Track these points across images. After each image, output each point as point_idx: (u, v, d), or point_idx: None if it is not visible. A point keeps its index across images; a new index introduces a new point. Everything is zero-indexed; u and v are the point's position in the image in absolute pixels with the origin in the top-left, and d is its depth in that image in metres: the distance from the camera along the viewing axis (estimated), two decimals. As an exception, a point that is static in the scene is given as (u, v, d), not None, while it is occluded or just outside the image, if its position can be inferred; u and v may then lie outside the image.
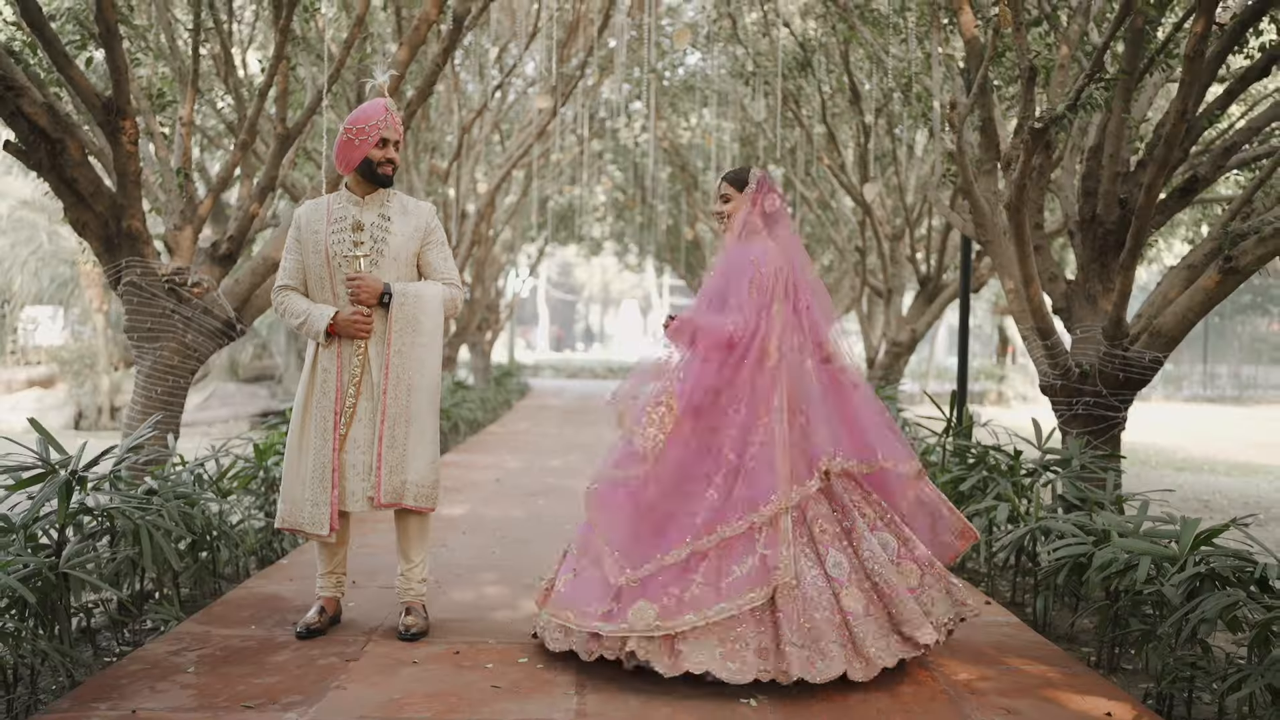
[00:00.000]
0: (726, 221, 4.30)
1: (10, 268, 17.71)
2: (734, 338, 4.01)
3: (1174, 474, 12.38)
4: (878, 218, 12.78)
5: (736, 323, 4.01)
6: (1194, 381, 32.29)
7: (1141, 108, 6.66)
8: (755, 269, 4.09)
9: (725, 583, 3.75)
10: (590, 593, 3.91)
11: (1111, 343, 5.95)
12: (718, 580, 3.76)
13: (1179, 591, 3.75)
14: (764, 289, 4.08)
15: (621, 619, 3.76)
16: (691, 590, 3.74)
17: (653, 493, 3.96)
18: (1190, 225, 12.07)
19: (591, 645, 3.85)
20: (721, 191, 4.33)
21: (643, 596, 3.77)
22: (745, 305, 4.05)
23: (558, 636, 4.00)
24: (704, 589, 3.74)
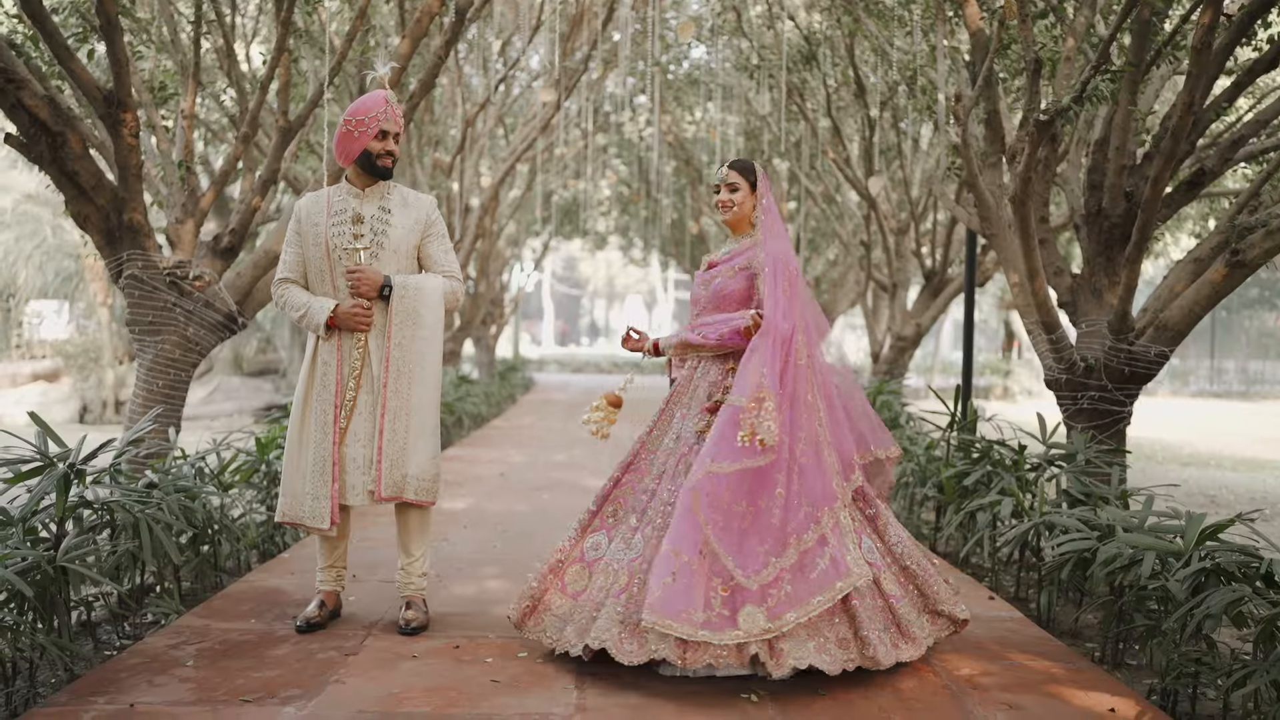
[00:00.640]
0: (732, 211, 4.25)
1: (15, 262, 17.73)
2: (790, 336, 3.98)
3: (1180, 469, 12.34)
4: (883, 212, 12.74)
5: (790, 321, 4.00)
6: (1201, 377, 32.21)
7: (1148, 100, 6.62)
8: (786, 267, 4.08)
9: (811, 578, 3.75)
10: (693, 599, 3.67)
11: (1117, 337, 5.91)
12: (805, 576, 3.75)
13: (1184, 587, 3.72)
14: (796, 287, 4.09)
15: (731, 626, 3.63)
16: (784, 589, 3.72)
17: (740, 491, 3.83)
18: (1197, 219, 12.02)
19: (691, 655, 3.62)
20: (729, 180, 4.24)
21: (749, 601, 3.69)
22: (782, 303, 4.02)
23: (631, 648, 3.67)
24: (795, 586, 3.73)
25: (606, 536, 4.08)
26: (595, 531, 4.13)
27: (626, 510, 4.12)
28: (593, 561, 4.04)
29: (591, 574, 4.02)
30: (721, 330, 4.11)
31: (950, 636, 4.14)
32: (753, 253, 4.22)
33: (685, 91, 16.38)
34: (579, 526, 4.18)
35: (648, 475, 4.13)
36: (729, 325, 4.10)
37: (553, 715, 3.41)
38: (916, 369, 30.02)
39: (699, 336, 4.17)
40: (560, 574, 4.10)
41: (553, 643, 3.94)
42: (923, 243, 13.20)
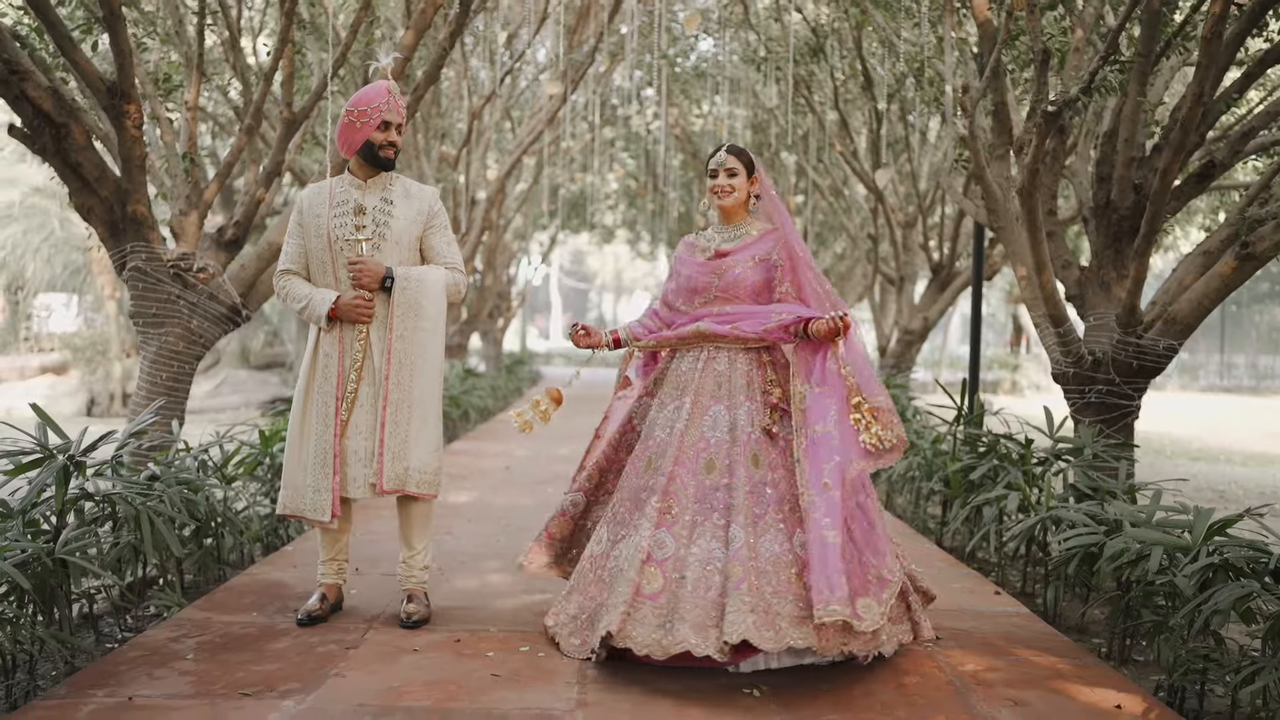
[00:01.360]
0: (731, 197, 4.24)
1: (23, 255, 17.75)
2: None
3: (1188, 464, 12.28)
4: (890, 205, 12.68)
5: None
6: (1210, 371, 32.10)
7: (1158, 92, 6.56)
8: (808, 254, 4.20)
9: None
10: (851, 589, 3.69)
11: (1125, 330, 5.87)
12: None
13: (1192, 582, 3.68)
14: (821, 276, 4.24)
15: (858, 617, 3.65)
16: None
17: (860, 487, 3.97)
18: (1207, 212, 11.94)
19: (827, 641, 3.63)
20: (729, 165, 4.22)
21: (863, 594, 3.73)
22: (832, 296, 4.21)
23: (769, 635, 3.57)
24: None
25: (670, 534, 3.88)
26: (657, 529, 3.93)
27: (694, 507, 3.91)
28: (662, 560, 3.85)
29: (664, 573, 3.82)
30: (766, 324, 4.10)
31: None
32: (767, 244, 4.23)
33: (692, 84, 16.33)
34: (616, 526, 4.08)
35: (709, 472, 3.96)
36: (775, 319, 4.09)
37: (553, 710, 3.39)
38: (924, 363, 29.96)
39: (730, 328, 4.12)
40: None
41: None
42: (930, 236, 13.14)
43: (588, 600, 4.00)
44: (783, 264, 4.20)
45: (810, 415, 3.96)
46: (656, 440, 4.13)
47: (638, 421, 4.36)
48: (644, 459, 4.13)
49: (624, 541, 3.99)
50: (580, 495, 4.43)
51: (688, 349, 4.23)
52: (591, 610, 3.96)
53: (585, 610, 3.99)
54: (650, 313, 4.53)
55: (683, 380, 4.18)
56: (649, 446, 4.14)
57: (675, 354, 4.29)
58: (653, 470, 4.06)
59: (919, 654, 4.03)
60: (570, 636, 3.97)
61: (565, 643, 3.97)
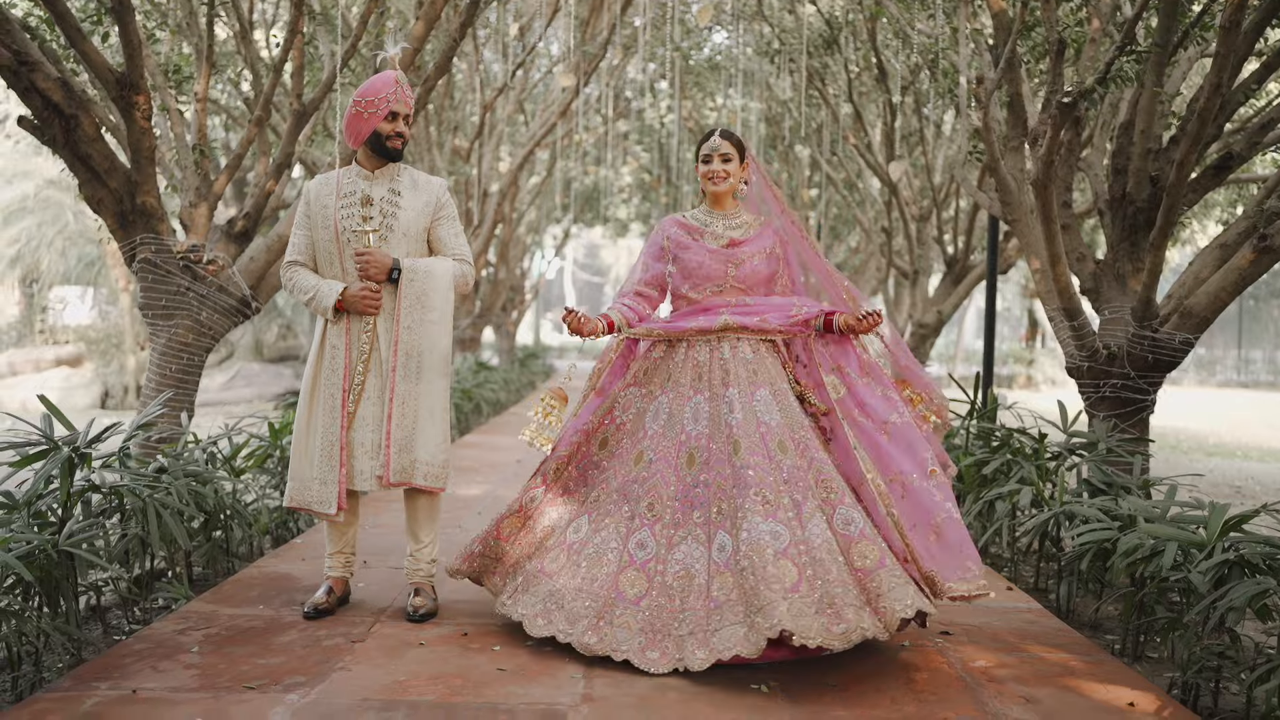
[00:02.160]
0: (726, 182, 4.25)
1: (38, 247, 17.81)
2: None
3: (1204, 459, 12.19)
4: (904, 198, 12.61)
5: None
6: (1227, 366, 31.88)
7: (1175, 83, 6.49)
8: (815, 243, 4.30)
9: None
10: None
11: (1140, 324, 5.81)
12: None
13: (1206, 579, 3.63)
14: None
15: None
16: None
17: None
18: (1225, 206, 11.84)
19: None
20: (723, 150, 4.22)
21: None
22: (844, 284, 4.31)
23: (839, 629, 3.54)
24: None
25: (727, 534, 3.78)
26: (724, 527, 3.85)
27: (734, 491, 3.81)
28: (723, 561, 3.75)
29: (727, 567, 3.74)
30: (790, 316, 4.17)
31: None
32: (770, 238, 4.30)
33: (706, 77, 16.27)
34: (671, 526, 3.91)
35: (736, 453, 3.86)
36: (798, 312, 4.17)
37: (559, 704, 3.36)
38: (939, 357, 29.88)
39: (758, 320, 4.13)
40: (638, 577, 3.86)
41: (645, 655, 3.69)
42: (945, 229, 13.07)
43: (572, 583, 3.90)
44: (782, 258, 4.31)
45: (871, 409, 4.06)
46: (650, 433, 4.06)
47: (620, 413, 4.20)
48: (634, 452, 4.06)
49: (668, 541, 3.86)
50: (540, 490, 4.21)
51: (703, 339, 4.16)
52: (598, 609, 3.80)
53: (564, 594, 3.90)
54: (632, 295, 4.30)
55: (699, 370, 4.11)
56: (639, 439, 4.08)
57: (673, 344, 4.19)
58: (646, 464, 4.00)
59: (929, 649, 3.99)
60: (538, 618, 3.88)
61: (531, 624, 3.86)
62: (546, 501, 4.19)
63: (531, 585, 3.99)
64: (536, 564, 4.05)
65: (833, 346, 4.17)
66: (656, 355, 4.23)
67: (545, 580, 3.96)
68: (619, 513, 3.98)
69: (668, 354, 4.21)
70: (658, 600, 3.74)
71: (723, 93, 17.06)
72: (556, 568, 3.98)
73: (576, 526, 4.06)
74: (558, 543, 4.07)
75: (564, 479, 4.22)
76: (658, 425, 4.08)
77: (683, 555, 3.79)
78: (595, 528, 3.99)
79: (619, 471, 4.09)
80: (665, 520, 3.88)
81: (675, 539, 3.84)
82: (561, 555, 4.01)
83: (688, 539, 3.82)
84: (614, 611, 3.76)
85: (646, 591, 3.77)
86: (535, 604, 3.91)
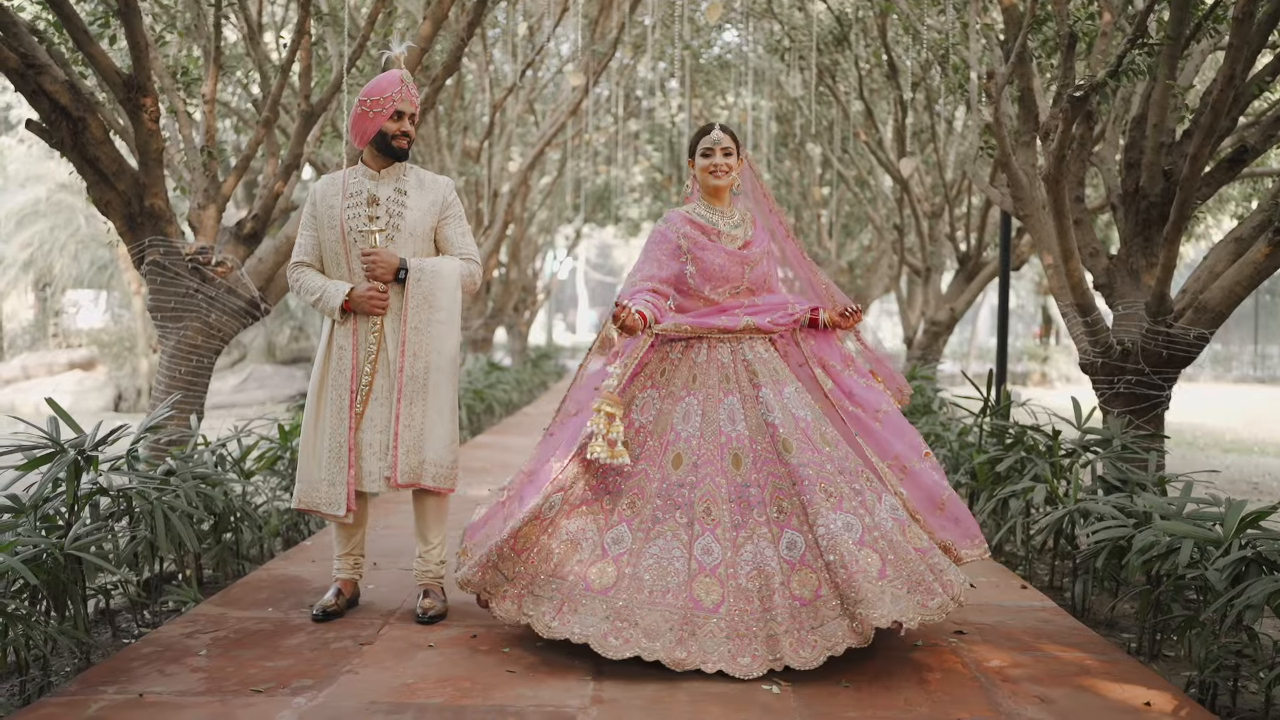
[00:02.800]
0: (728, 177, 4.23)
1: (50, 251, 17.87)
2: None
3: (1221, 455, 12.11)
4: (916, 195, 12.55)
5: None
6: (1244, 362, 31.64)
7: (1188, 76, 6.42)
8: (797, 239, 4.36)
9: None
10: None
11: (1155, 319, 5.75)
12: None
13: (1224, 576, 3.58)
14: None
15: None
16: None
17: None
18: (1240, 201, 11.76)
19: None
20: (724, 144, 4.21)
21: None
22: (822, 281, 4.39)
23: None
24: None
25: (800, 532, 3.79)
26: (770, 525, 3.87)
27: (794, 489, 3.82)
28: (795, 560, 3.78)
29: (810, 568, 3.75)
30: (790, 314, 4.24)
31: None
32: (764, 233, 4.36)
33: (716, 76, 16.23)
34: (733, 525, 3.86)
35: (787, 452, 3.87)
36: (793, 310, 4.24)
37: (568, 707, 3.33)
38: (954, 355, 29.77)
39: (769, 321, 4.16)
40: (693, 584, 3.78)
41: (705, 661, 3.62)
42: (957, 226, 13.00)
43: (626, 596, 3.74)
44: (775, 257, 4.40)
45: (861, 399, 4.20)
46: (684, 435, 3.98)
47: (637, 415, 4.06)
48: (669, 455, 3.96)
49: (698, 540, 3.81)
50: (559, 495, 3.90)
51: (723, 340, 4.13)
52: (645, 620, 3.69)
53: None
54: (649, 292, 4.10)
55: (724, 371, 4.08)
56: (670, 441, 3.98)
57: (690, 344, 4.13)
58: (689, 467, 3.92)
59: (943, 649, 3.95)
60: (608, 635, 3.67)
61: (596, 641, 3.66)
62: (569, 509, 3.90)
63: (580, 604, 3.72)
64: (574, 579, 3.77)
65: (816, 341, 4.27)
66: (675, 355, 4.13)
67: (596, 597, 3.72)
68: (671, 519, 3.84)
69: (685, 354, 4.12)
70: (736, 604, 3.68)
71: (733, 91, 17.02)
72: (607, 582, 3.75)
73: (616, 537, 3.85)
74: (595, 555, 3.82)
75: (582, 485, 3.93)
76: (691, 427, 3.98)
77: (751, 556, 3.76)
78: (645, 536, 3.83)
79: (653, 475, 3.93)
80: (725, 523, 3.82)
81: (739, 540, 3.79)
82: (609, 568, 3.78)
83: (753, 539, 3.79)
84: (695, 622, 3.65)
85: (723, 597, 3.69)
86: (598, 623, 3.66)
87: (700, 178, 4.25)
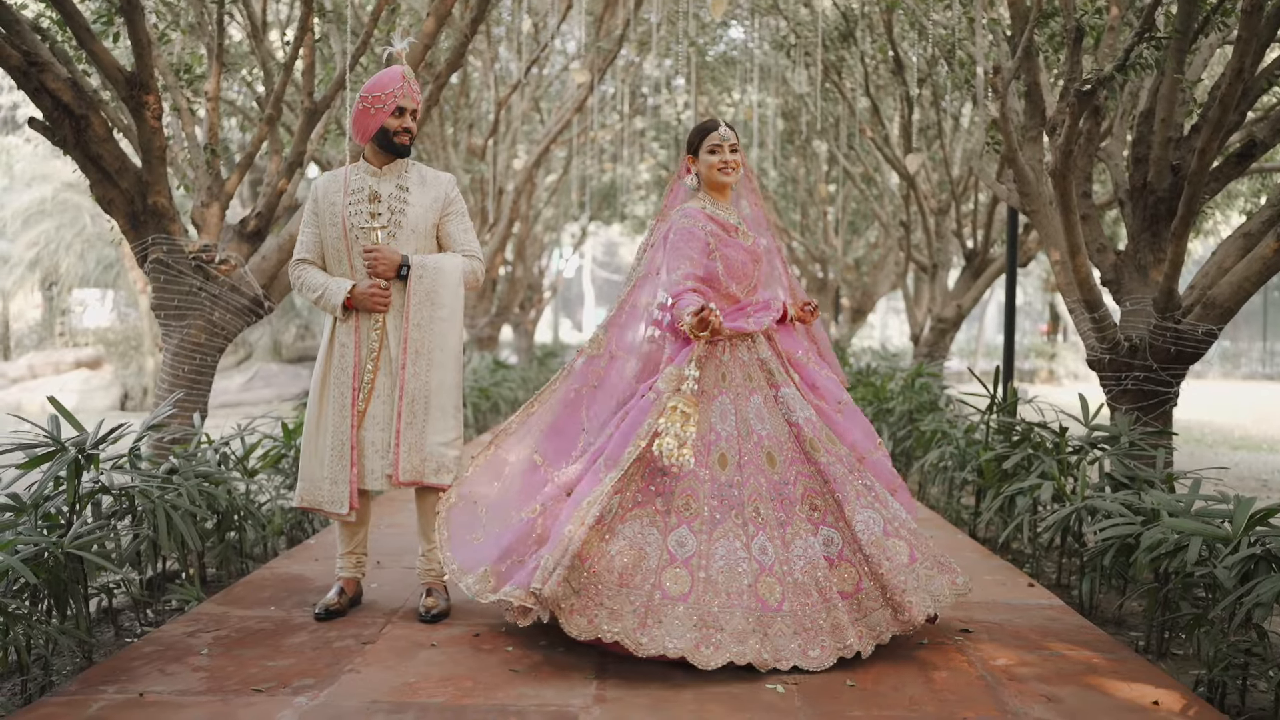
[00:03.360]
0: (737, 173, 4.25)
1: (56, 251, 17.88)
2: None
3: (1230, 452, 12.05)
4: (923, 192, 12.50)
5: None
6: (1252, 359, 31.52)
7: (1196, 70, 6.38)
8: None
9: None
10: None
11: (1163, 315, 5.71)
12: None
13: (1232, 574, 3.54)
14: None
15: None
16: None
17: None
18: (1249, 196, 11.69)
19: None
20: (732, 141, 4.23)
21: None
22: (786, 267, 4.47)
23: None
24: None
25: (863, 516, 3.89)
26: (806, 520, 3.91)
27: (839, 485, 3.91)
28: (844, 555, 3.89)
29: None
30: (776, 312, 4.25)
31: None
32: (762, 228, 4.42)
33: (722, 72, 16.19)
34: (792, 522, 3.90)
35: (815, 452, 3.96)
36: (779, 308, 4.27)
37: (570, 707, 3.31)
38: (961, 352, 29.72)
39: (771, 318, 4.20)
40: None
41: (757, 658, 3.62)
42: (964, 223, 12.95)
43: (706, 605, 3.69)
44: (775, 252, 4.48)
45: (824, 391, 4.23)
46: (724, 435, 3.96)
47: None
48: (714, 455, 3.92)
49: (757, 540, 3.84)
50: (617, 499, 3.79)
51: (741, 339, 4.12)
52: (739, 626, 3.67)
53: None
54: (696, 292, 4.04)
55: (745, 370, 4.09)
56: (712, 442, 3.93)
57: (712, 343, 4.06)
58: (735, 467, 3.91)
59: (949, 647, 3.92)
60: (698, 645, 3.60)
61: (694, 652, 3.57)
62: (623, 513, 3.79)
63: (662, 613, 3.62)
64: (649, 587, 3.66)
65: (782, 335, 4.27)
66: (701, 354, 4.04)
67: (676, 604, 3.64)
68: (729, 520, 3.82)
69: (711, 353, 4.07)
70: (796, 600, 3.74)
71: (739, 88, 16.97)
72: (684, 588, 3.68)
73: (679, 540, 3.76)
74: (664, 560, 3.72)
75: (634, 488, 3.84)
76: (729, 427, 3.97)
77: (801, 551, 3.84)
78: (708, 538, 3.78)
79: (703, 476, 3.87)
80: (772, 522, 3.87)
81: (788, 537, 3.86)
82: (681, 573, 3.70)
83: (800, 535, 3.87)
84: (765, 621, 3.67)
85: (784, 595, 3.73)
86: (687, 633, 3.58)
87: (707, 174, 4.22)
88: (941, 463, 6.85)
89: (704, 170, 4.22)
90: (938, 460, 6.88)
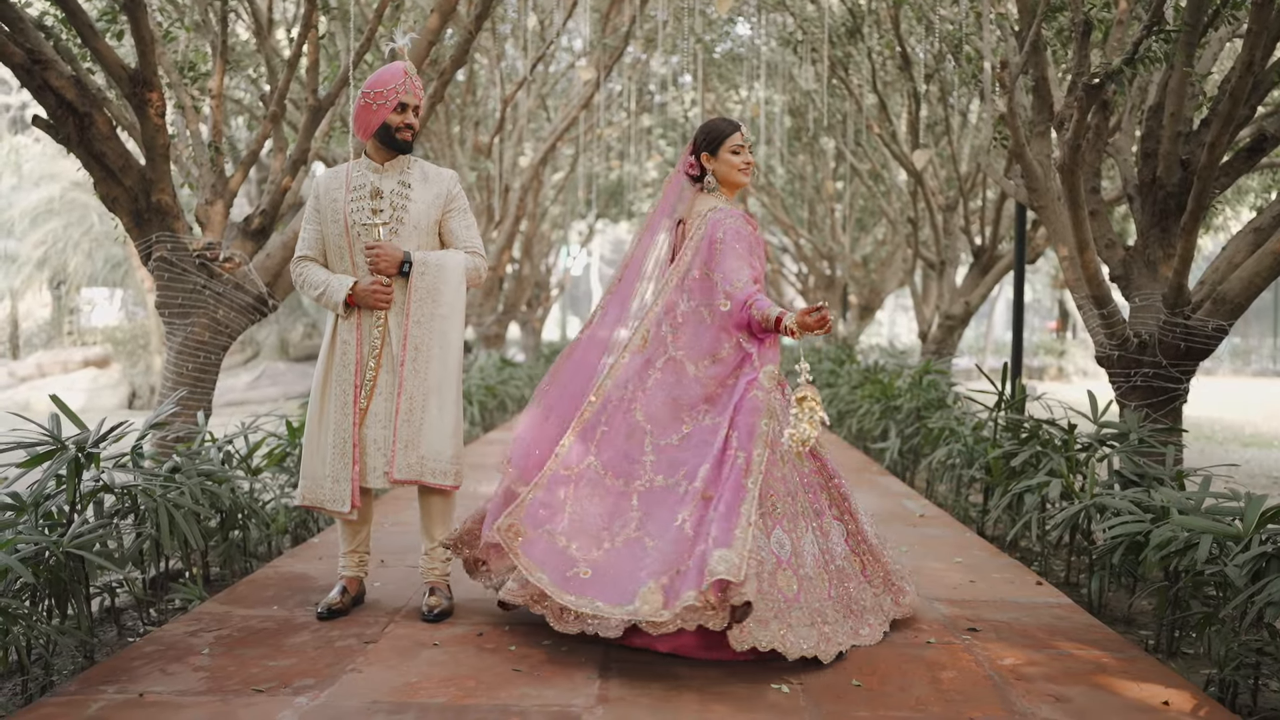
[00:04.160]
0: (749, 176, 4.27)
1: (64, 250, 17.91)
2: None
3: (1240, 449, 11.98)
4: (930, 188, 12.45)
5: None
6: (1263, 355, 31.43)
7: (1205, 64, 6.33)
8: None
9: None
10: None
11: (1172, 311, 5.66)
12: None
13: (1243, 572, 3.50)
14: None
15: None
16: None
17: None
18: (1259, 191, 11.62)
19: None
20: (751, 143, 4.27)
21: None
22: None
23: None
24: None
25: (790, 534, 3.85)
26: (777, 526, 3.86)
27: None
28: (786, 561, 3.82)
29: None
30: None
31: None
32: None
33: (729, 69, 16.16)
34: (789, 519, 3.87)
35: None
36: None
37: (573, 706, 3.28)
38: (969, 349, 29.65)
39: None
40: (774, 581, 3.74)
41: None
42: (972, 219, 12.91)
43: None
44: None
45: None
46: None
47: None
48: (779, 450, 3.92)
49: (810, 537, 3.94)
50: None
51: None
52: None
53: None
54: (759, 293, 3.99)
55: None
56: None
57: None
58: (778, 460, 3.91)
59: (955, 646, 3.88)
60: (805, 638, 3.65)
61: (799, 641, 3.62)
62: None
63: (788, 617, 3.64)
64: (776, 593, 3.66)
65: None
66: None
67: (794, 607, 3.67)
68: (791, 513, 3.85)
69: None
70: (840, 585, 3.92)
71: (746, 85, 16.93)
72: (795, 589, 3.70)
73: (779, 541, 3.77)
74: (773, 564, 3.69)
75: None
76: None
77: (838, 537, 4.05)
78: (796, 536, 3.82)
79: (775, 474, 3.86)
80: (809, 513, 3.97)
81: (825, 527, 4.01)
82: (788, 574, 3.72)
83: (835, 524, 4.07)
84: (826, 609, 3.79)
85: (829, 582, 3.89)
86: (811, 633, 3.64)
87: (727, 174, 4.18)
88: (949, 460, 6.82)
89: (724, 170, 4.18)
90: (945, 458, 6.85)
